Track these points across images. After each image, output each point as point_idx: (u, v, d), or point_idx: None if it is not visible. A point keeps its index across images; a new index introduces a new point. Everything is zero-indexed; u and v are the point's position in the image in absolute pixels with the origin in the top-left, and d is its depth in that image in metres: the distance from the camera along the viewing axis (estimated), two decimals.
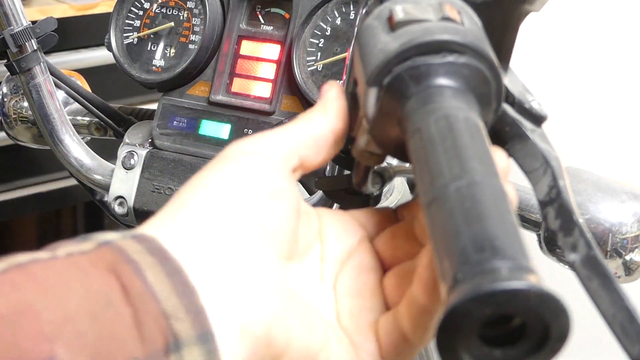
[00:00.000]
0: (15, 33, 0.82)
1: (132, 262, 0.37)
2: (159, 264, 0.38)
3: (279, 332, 0.40)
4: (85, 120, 0.99)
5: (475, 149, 0.38)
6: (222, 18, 0.86)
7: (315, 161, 0.46)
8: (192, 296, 0.38)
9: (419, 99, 0.41)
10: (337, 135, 0.47)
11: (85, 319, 0.35)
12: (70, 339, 0.34)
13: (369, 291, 0.46)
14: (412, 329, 0.43)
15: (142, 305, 0.36)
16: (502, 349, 0.34)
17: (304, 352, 0.41)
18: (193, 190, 0.42)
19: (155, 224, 0.41)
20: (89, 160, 0.88)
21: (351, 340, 0.45)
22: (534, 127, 0.46)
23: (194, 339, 0.37)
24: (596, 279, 0.40)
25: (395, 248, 0.47)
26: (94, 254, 0.38)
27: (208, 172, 0.43)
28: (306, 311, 0.43)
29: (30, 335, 0.34)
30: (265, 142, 0.45)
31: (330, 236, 0.48)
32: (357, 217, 0.49)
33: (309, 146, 0.46)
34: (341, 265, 0.47)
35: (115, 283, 0.37)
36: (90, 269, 0.37)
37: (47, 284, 0.36)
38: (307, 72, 0.82)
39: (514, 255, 0.33)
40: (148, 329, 0.36)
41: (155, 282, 0.37)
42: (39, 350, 0.33)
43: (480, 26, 0.44)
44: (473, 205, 0.35)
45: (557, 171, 0.44)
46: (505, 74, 0.47)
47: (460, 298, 0.32)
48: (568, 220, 0.42)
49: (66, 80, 0.90)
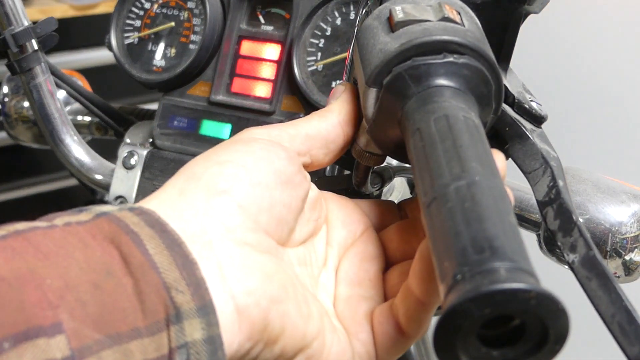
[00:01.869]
0: (16, 33, 0.82)
1: (131, 233, 0.37)
2: (158, 236, 0.38)
3: (275, 317, 0.40)
4: (85, 120, 0.99)
5: (475, 149, 0.38)
6: (222, 18, 0.86)
7: (323, 161, 0.47)
8: (193, 269, 0.37)
9: (418, 99, 0.41)
10: (347, 139, 0.47)
11: (87, 288, 0.35)
12: (73, 307, 0.34)
13: (370, 281, 0.46)
14: (406, 321, 0.43)
15: (143, 276, 0.36)
16: (500, 349, 0.34)
17: (298, 339, 0.41)
18: (206, 164, 0.42)
19: (161, 197, 0.41)
20: (90, 160, 0.88)
21: (346, 329, 0.45)
22: (533, 127, 0.46)
23: (194, 311, 0.37)
24: (595, 279, 0.40)
25: (402, 242, 0.47)
26: (92, 224, 0.38)
27: (223, 150, 0.43)
28: (304, 298, 0.43)
29: (34, 300, 0.34)
30: (279, 134, 0.45)
31: (335, 220, 0.48)
32: (361, 206, 0.49)
33: (320, 146, 0.46)
34: (345, 250, 0.47)
35: (115, 253, 0.37)
36: (89, 239, 0.37)
37: (47, 251, 0.36)
38: (307, 72, 0.82)
39: (514, 256, 0.33)
40: (149, 299, 0.36)
41: (155, 254, 0.37)
42: (43, 316, 0.33)
43: (480, 27, 0.44)
44: (473, 205, 0.35)
45: (557, 171, 0.44)
46: (505, 74, 0.47)
47: (460, 298, 0.32)
48: (567, 221, 0.42)
49: (67, 80, 0.90)
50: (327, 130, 0.46)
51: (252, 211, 0.41)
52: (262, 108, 0.83)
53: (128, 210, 0.39)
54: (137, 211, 0.39)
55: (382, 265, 0.47)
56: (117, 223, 0.38)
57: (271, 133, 0.45)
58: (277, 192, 0.42)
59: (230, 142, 0.44)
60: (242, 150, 0.43)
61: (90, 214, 0.39)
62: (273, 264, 0.41)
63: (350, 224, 0.48)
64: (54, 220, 0.38)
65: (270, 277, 0.41)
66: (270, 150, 0.43)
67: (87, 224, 0.38)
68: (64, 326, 0.34)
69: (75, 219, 0.38)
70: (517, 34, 0.47)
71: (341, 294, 0.46)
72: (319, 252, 0.47)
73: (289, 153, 0.44)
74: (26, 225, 0.37)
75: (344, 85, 0.48)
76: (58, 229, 0.37)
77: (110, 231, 0.38)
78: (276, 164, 0.43)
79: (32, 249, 0.35)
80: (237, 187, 0.41)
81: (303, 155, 0.45)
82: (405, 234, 0.48)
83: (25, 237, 0.36)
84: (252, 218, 0.41)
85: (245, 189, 0.41)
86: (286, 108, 0.83)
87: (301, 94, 0.82)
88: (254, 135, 0.45)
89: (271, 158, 0.43)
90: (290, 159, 0.44)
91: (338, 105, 0.47)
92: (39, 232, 0.37)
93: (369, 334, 0.44)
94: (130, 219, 0.38)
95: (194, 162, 0.43)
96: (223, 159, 0.42)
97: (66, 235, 0.37)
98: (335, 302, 0.46)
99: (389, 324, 0.44)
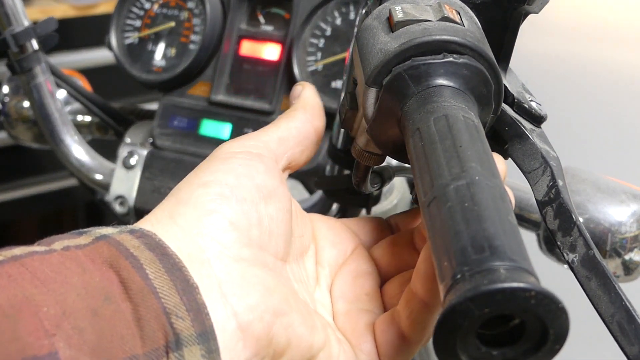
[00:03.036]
0: (17, 33, 0.82)
1: (131, 257, 0.37)
2: (159, 260, 0.38)
3: (280, 330, 0.40)
4: (85, 120, 0.99)
5: (474, 149, 0.38)
6: (222, 18, 0.86)
7: (301, 160, 0.47)
8: (193, 294, 0.37)
9: (418, 99, 0.41)
10: (319, 134, 0.48)
11: (84, 314, 0.35)
12: (70, 334, 0.34)
13: (367, 295, 0.46)
14: (410, 326, 0.43)
15: (142, 301, 0.36)
16: (500, 349, 0.34)
17: (304, 350, 0.41)
18: (190, 188, 0.42)
19: (152, 220, 0.41)
20: (90, 159, 0.88)
21: (348, 341, 0.44)
22: (533, 127, 0.46)
23: (194, 337, 0.36)
24: (595, 278, 0.40)
25: (393, 256, 0.47)
26: (91, 248, 0.38)
27: (203, 171, 0.43)
28: (307, 310, 0.43)
29: (30, 329, 0.33)
30: (255, 144, 0.45)
31: (324, 241, 0.48)
32: (349, 225, 0.49)
33: (295, 146, 0.46)
34: (337, 270, 0.47)
35: (115, 278, 0.36)
36: (88, 263, 0.37)
37: (45, 278, 0.35)
38: (307, 72, 0.82)
39: (513, 255, 0.33)
40: (148, 325, 0.36)
41: (155, 278, 0.37)
42: (39, 346, 0.33)
43: (480, 26, 0.44)
44: (472, 205, 0.35)
45: (556, 171, 0.44)
46: (504, 74, 0.47)
47: (459, 297, 0.32)
48: (567, 220, 0.42)
49: (67, 80, 0.90)
50: (297, 129, 0.47)
51: (244, 227, 0.41)
52: (261, 108, 0.83)
53: (128, 232, 0.39)
54: (137, 234, 0.39)
55: (377, 281, 0.47)
56: (116, 247, 0.38)
57: (246, 144, 0.45)
58: (262, 207, 0.42)
59: (208, 161, 0.44)
60: (222, 169, 0.43)
61: (89, 237, 0.39)
62: (272, 277, 0.41)
63: (340, 243, 0.48)
64: (53, 244, 0.38)
65: (270, 290, 0.40)
66: (249, 165, 0.43)
67: (86, 247, 0.38)
68: (60, 355, 0.33)
69: (74, 242, 0.38)
70: (516, 33, 0.47)
71: (340, 309, 0.46)
72: (309, 271, 0.47)
73: (267, 165, 0.44)
74: (24, 250, 0.37)
75: (302, 84, 0.49)
76: (56, 253, 0.37)
77: (109, 255, 0.37)
78: (257, 179, 0.43)
79: (28, 276, 0.35)
80: (225, 205, 0.41)
81: (281, 159, 0.45)
82: (397, 247, 0.48)
83: (22, 263, 0.35)
84: (244, 234, 0.41)
85: (233, 206, 0.41)
86: (286, 108, 0.82)
87: None
88: (231, 149, 0.44)
89: (251, 174, 0.43)
90: (270, 171, 0.44)
91: (301, 102, 0.48)
92: (36, 258, 0.36)
93: (372, 344, 0.44)
94: (130, 242, 0.38)
95: (178, 188, 0.43)
96: (205, 180, 0.42)
97: (64, 260, 0.36)
98: (335, 317, 0.46)
99: (391, 331, 0.43)
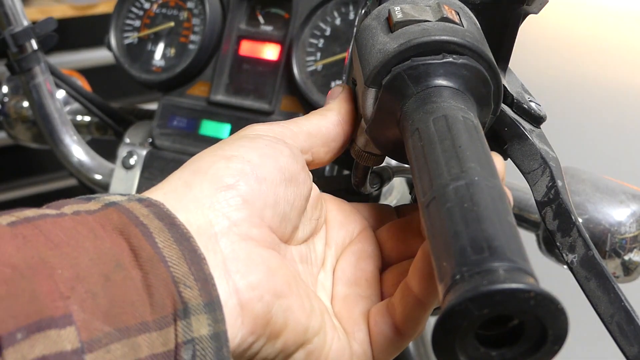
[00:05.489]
0: (16, 33, 0.82)
1: (141, 226, 0.37)
2: (167, 230, 0.38)
3: (278, 312, 0.40)
4: (85, 120, 0.99)
5: (474, 149, 0.38)
6: (221, 18, 0.86)
7: (324, 159, 0.47)
8: (201, 264, 0.37)
9: (417, 99, 0.41)
10: (347, 138, 0.47)
11: (97, 279, 0.35)
12: (83, 298, 0.34)
13: (366, 280, 0.46)
14: (403, 320, 0.43)
15: (152, 269, 0.36)
16: (499, 349, 0.34)
17: (300, 334, 0.41)
18: (212, 159, 0.42)
19: (166, 188, 0.41)
20: (89, 159, 0.88)
21: (343, 328, 0.45)
22: (532, 128, 0.46)
23: (202, 307, 0.37)
24: (594, 279, 0.40)
25: (398, 240, 0.48)
26: (101, 214, 0.38)
27: (229, 145, 0.43)
28: (307, 294, 0.43)
29: (46, 291, 0.33)
30: (283, 131, 0.45)
31: (334, 221, 0.48)
32: (359, 208, 0.50)
33: (321, 145, 0.46)
34: (342, 250, 0.48)
35: (125, 245, 0.37)
36: (99, 229, 0.37)
37: (58, 241, 0.35)
38: (306, 72, 0.82)
39: (512, 256, 0.33)
40: (157, 293, 0.36)
41: (164, 247, 0.37)
42: (55, 307, 0.33)
43: (479, 27, 0.44)
44: (471, 205, 0.35)
45: (556, 171, 0.44)
46: (504, 74, 0.47)
47: (458, 298, 0.32)
48: (566, 221, 0.42)
49: (66, 80, 0.90)
50: (327, 129, 0.46)
51: (258, 206, 0.41)
52: (261, 108, 0.83)
53: (137, 201, 0.39)
54: (146, 202, 0.39)
55: (378, 264, 0.47)
56: (126, 214, 0.38)
57: (274, 130, 0.45)
58: (281, 189, 0.42)
59: (235, 137, 0.44)
60: (248, 145, 0.43)
61: (98, 203, 0.39)
62: (277, 259, 0.41)
63: (348, 224, 0.48)
64: (63, 208, 0.38)
65: (273, 271, 0.41)
66: (275, 147, 0.43)
67: (96, 213, 0.38)
68: (75, 317, 0.33)
69: (84, 207, 0.38)
70: (516, 34, 0.47)
71: (338, 293, 0.46)
72: (318, 252, 0.47)
73: (293, 150, 0.44)
74: (35, 212, 0.37)
75: (342, 87, 0.48)
76: (68, 217, 0.37)
77: (119, 222, 0.37)
78: (281, 161, 0.43)
79: (42, 238, 0.35)
80: (243, 182, 0.41)
81: (305, 153, 0.46)
82: (401, 232, 0.48)
83: (35, 225, 0.35)
84: (257, 213, 0.41)
85: (251, 184, 0.41)
86: (285, 108, 0.83)
87: (300, 94, 0.82)
88: (258, 131, 0.45)
89: (276, 155, 0.43)
90: (294, 156, 0.44)
91: (337, 104, 0.47)
92: (49, 221, 0.36)
93: (365, 333, 0.44)
94: (140, 211, 0.38)
95: (200, 156, 0.42)
96: (229, 154, 0.42)
97: (76, 224, 0.37)
98: (333, 301, 0.46)
99: (385, 323, 0.44)
